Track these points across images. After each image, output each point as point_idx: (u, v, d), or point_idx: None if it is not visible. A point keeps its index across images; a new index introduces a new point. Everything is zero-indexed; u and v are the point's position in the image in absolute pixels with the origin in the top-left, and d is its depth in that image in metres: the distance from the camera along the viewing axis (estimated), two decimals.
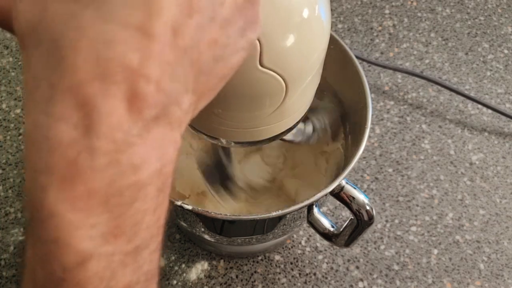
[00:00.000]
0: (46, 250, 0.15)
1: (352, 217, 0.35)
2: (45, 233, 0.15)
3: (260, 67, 0.25)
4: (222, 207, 0.42)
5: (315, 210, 0.37)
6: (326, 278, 0.46)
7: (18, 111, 0.55)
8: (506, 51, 0.61)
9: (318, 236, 0.48)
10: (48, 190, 0.14)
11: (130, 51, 0.14)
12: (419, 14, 0.64)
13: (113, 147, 0.14)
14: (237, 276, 0.46)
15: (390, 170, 0.52)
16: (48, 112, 0.14)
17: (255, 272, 0.47)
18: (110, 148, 0.14)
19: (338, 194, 0.34)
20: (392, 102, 0.57)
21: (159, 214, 0.17)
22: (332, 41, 0.37)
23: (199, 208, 0.32)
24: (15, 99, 0.55)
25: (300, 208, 0.32)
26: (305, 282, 0.46)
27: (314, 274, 0.47)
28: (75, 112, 0.14)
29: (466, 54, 0.61)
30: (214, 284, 0.46)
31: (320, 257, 0.47)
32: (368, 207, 0.34)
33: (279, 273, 0.47)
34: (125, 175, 0.15)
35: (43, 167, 0.14)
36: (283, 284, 0.46)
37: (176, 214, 0.36)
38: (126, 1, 0.14)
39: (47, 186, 0.14)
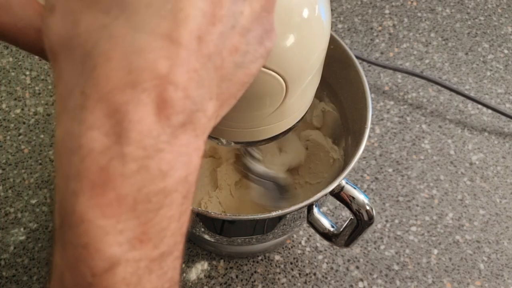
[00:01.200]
0: (75, 254, 0.15)
1: (352, 217, 0.35)
2: (75, 238, 0.15)
3: None
4: None
5: (315, 210, 0.37)
6: (326, 278, 0.46)
7: (18, 111, 0.55)
8: (506, 51, 0.61)
9: (318, 236, 0.48)
10: (79, 196, 0.15)
11: (160, 59, 0.15)
12: (419, 14, 0.64)
13: (143, 153, 0.15)
14: (237, 276, 0.46)
15: (390, 170, 0.52)
16: (80, 120, 0.15)
17: (255, 272, 0.47)
18: (140, 154, 0.15)
19: (338, 194, 0.34)
20: (392, 102, 0.57)
21: (183, 221, 0.17)
22: (332, 41, 0.37)
23: (199, 208, 0.32)
24: (15, 99, 0.55)
25: (300, 208, 0.32)
26: (305, 282, 0.46)
27: (314, 274, 0.47)
28: (106, 120, 0.14)
29: (466, 54, 0.61)
30: (214, 284, 0.46)
31: (320, 257, 0.47)
32: (368, 207, 0.34)
33: (279, 273, 0.47)
34: (153, 181, 0.15)
35: (74, 174, 0.15)
36: (283, 284, 0.46)
37: None
38: (154, 11, 0.15)
39: (78, 192, 0.15)
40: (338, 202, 0.36)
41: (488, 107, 0.55)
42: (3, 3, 0.22)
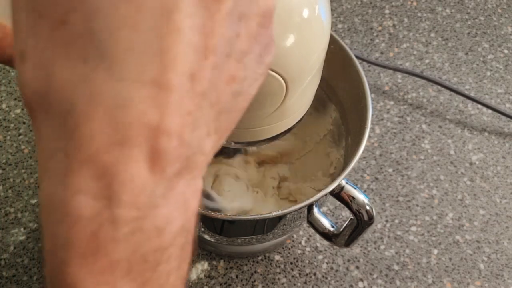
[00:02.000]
0: None
1: (352, 217, 0.35)
2: None
3: None
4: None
5: (315, 210, 0.37)
6: (326, 278, 0.46)
7: (18, 111, 0.55)
8: (506, 51, 0.61)
9: (318, 236, 0.48)
10: (69, 266, 0.14)
11: (148, 109, 0.13)
12: (419, 14, 0.64)
13: (136, 214, 0.14)
14: (237, 276, 0.46)
15: (390, 170, 0.52)
16: (66, 184, 0.13)
17: (255, 272, 0.47)
18: (133, 215, 0.14)
19: (338, 194, 0.34)
20: (392, 102, 0.57)
21: (183, 269, 0.16)
22: (332, 41, 0.37)
23: (199, 208, 0.32)
24: (15, 99, 0.55)
25: (300, 208, 0.32)
26: (305, 282, 0.46)
27: (314, 274, 0.47)
28: (94, 183, 0.13)
29: (466, 54, 0.61)
30: (214, 284, 0.46)
31: (320, 257, 0.47)
32: (368, 207, 0.34)
33: (279, 273, 0.47)
34: (149, 241, 0.14)
35: (63, 242, 0.14)
36: (283, 284, 0.46)
37: None
38: (137, 56, 0.13)
39: (69, 261, 0.14)
40: (338, 202, 0.36)
41: (488, 107, 0.55)
42: None
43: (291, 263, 0.47)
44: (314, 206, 0.36)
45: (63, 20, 0.13)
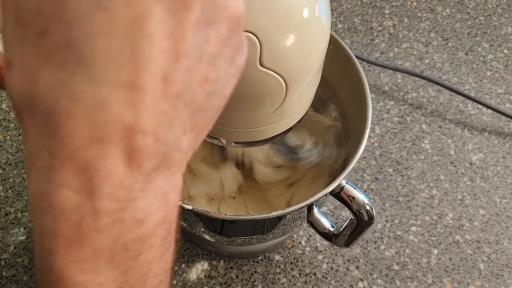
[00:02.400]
0: None
1: (352, 217, 0.35)
2: None
3: (260, 67, 0.25)
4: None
5: (315, 210, 0.37)
6: (326, 278, 0.46)
7: None
8: (506, 51, 0.61)
9: (318, 236, 0.48)
10: (55, 254, 0.15)
11: (124, 109, 0.14)
12: (419, 14, 0.64)
13: (116, 206, 0.15)
14: (237, 276, 0.46)
15: (390, 170, 0.52)
16: (50, 180, 0.14)
17: (255, 272, 0.47)
18: (113, 207, 0.15)
19: (338, 194, 0.34)
20: (392, 102, 0.57)
21: (166, 259, 0.17)
22: (332, 41, 0.37)
23: (199, 208, 0.32)
24: None
25: (300, 208, 0.32)
26: (305, 282, 0.46)
27: (314, 274, 0.47)
28: (76, 178, 0.14)
29: (466, 54, 0.61)
30: (214, 284, 0.46)
31: (320, 257, 0.47)
32: (368, 207, 0.34)
33: (279, 273, 0.47)
34: (129, 231, 0.15)
35: (49, 232, 0.15)
36: (283, 284, 0.46)
37: None
38: (111, 61, 0.14)
39: (54, 250, 0.15)
40: (338, 202, 0.36)
41: (488, 107, 0.55)
42: None
43: (291, 263, 0.47)
44: (314, 206, 0.36)
45: (45, 30, 0.14)
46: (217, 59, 0.17)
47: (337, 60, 0.39)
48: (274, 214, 0.32)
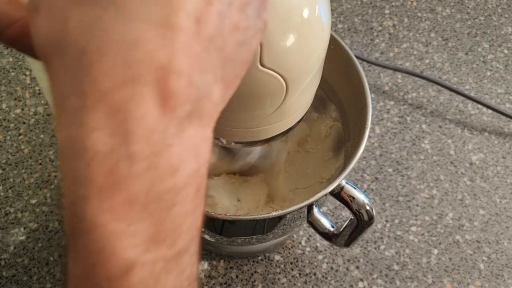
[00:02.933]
0: (89, 261, 0.15)
1: (352, 217, 0.35)
2: (89, 245, 0.14)
3: (260, 67, 0.25)
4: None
5: (315, 210, 0.37)
6: (326, 278, 0.46)
7: (18, 111, 0.55)
8: (506, 51, 0.61)
9: (318, 236, 0.48)
10: (88, 202, 0.14)
11: (157, 48, 0.14)
12: (419, 14, 0.64)
13: (151, 150, 0.14)
14: (237, 276, 0.46)
15: (390, 170, 0.52)
16: (82, 122, 0.14)
17: (255, 272, 0.47)
18: (148, 151, 0.14)
19: (338, 194, 0.34)
20: (392, 102, 0.57)
21: (197, 216, 0.17)
22: (332, 41, 0.37)
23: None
24: (15, 99, 0.55)
25: (300, 208, 0.32)
26: (305, 282, 0.46)
27: (314, 274, 0.47)
28: (109, 120, 0.14)
29: (466, 54, 0.61)
30: (214, 284, 0.46)
31: (320, 257, 0.47)
32: (368, 207, 0.34)
33: (279, 273, 0.47)
34: (164, 179, 0.15)
35: (81, 179, 0.14)
36: (283, 284, 0.46)
37: None
38: None
39: (88, 197, 0.14)
40: (338, 202, 0.36)
41: (488, 107, 0.55)
42: None
43: (291, 263, 0.47)
44: (314, 206, 0.36)
45: None
46: (247, 7, 0.16)
47: (337, 60, 0.39)
48: (274, 214, 0.32)
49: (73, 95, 0.14)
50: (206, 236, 0.39)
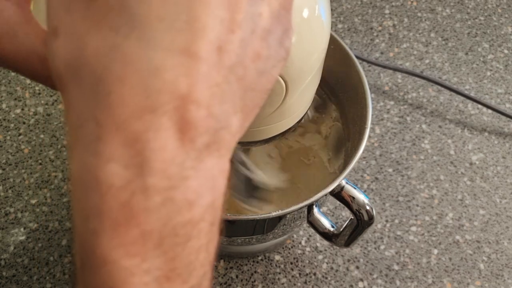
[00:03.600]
0: None
1: (352, 217, 0.35)
2: (98, 282, 0.14)
3: None
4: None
5: (315, 210, 0.37)
6: (326, 278, 0.46)
7: (18, 111, 0.55)
8: (506, 51, 0.61)
9: (318, 236, 0.48)
10: (100, 236, 0.14)
11: (178, 78, 0.13)
12: (419, 14, 0.64)
13: (167, 183, 0.14)
14: (237, 276, 0.46)
15: (390, 170, 0.52)
16: (97, 152, 0.13)
17: (255, 272, 0.47)
18: (164, 185, 0.14)
19: (338, 194, 0.34)
20: (392, 102, 0.57)
21: (211, 250, 0.16)
22: (332, 41, 0.37)
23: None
24: (15, 99, 0.55)
25: (300, 208, 0.32)
26: (305, 282, 0.46)
27: (314, 274, 0.47)
28: (125, 150, 0.13)
29: (466, 54, 0.61)
30: (214, 284, 0.46)
31: (320, 257, 0.47)
32: (368, 207, 0.34)
33: (279, 273, 0.47)
34: (180, 213, 0.14)
35: (94, 212, 0.14)
36: (283, 284, 0.46)
37: None
38: (167, 25, 0.13)
39: (99, 231, 0.14)
40: (338, 202, 0.36)
41: (488, 107, 0.55)
42: (7, 30, 0.19)
43: (291, 263, 0.47)
44: (314, 206, 0.36)
45: None
46: (269, 35, 0.16)
47: (337, 60, 0.39)
48: (274, 214, 0.32)
49: (89, 124, 0.13)
50: None
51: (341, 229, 0.37)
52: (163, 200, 0.14)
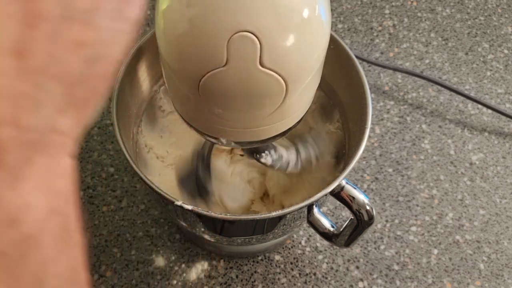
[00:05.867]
0: None
1: (352, 217, 0.35)
2: None
3: (260, 67, 0.25)
4: None
5: (315, 210, 0.37)
6: (326, 278, 0.46)
7: None
8: (506, 51, 0.61)
9: (318, 236, 0.48)
10: None
11: None
12: (419, 14, 0.64)
13: None
14: (237, 276, 0.46)
15: (390, 170, 0.52)
16: None
17: (255, 272, 0.47)
18: None
19: (338, 194, 0.34)
20: (392, 102, 0.57)
21: (70, 255, 0.15)
22: (332, 41, 0.37)
23: (199, 208, 0.32)
24: None
25: (300, 208, 0.32)
26: (305, 282, 0.46)
27: (314, 274, 0.47)
28: None
29: (466, 54, 0.61)
30: (214, 284, 0.46)
31: (320, 257, 0.47)
32: (368, 207, 0.34)
33: (279, 273, 0.47)
34: (5, 234, 0.13)
35: None
36: (283, 284, 0.46)
37: (176, 214, 0.36)
38: None
39: None
40: (338, 202, 0.36)
41: (488, 107, 0.55)
42: None
43: (291, 263, 0.47)
44: (314, 206, 0.36)
45: None
46: (94, 14, 0.13)
47: (337, 60, 0.39)
48: (274, 214, 0.32)
49: None
50: (206, 236, 0.39)
51: (341, 229, 0.37)
52: None
